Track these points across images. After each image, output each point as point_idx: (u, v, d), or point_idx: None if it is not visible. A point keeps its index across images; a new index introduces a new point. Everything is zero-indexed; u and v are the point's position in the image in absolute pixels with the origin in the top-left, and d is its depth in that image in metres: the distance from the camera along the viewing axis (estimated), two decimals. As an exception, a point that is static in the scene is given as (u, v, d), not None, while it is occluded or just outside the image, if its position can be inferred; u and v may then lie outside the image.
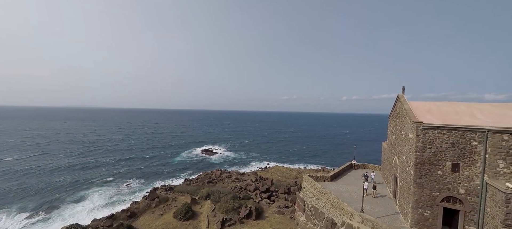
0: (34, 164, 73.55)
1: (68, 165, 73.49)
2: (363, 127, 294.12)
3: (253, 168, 77.65)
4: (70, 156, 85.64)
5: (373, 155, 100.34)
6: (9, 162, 74.24)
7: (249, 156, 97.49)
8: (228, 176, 60.96)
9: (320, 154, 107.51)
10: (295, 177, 64.56)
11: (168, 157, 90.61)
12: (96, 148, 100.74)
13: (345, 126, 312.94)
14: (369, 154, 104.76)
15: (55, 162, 76.50)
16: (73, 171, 66.66)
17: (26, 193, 49.76)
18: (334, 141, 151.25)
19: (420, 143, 16.96)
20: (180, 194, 45.06)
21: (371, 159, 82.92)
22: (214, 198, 40.75)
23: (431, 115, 19.15)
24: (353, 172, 34.40)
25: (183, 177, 64.75)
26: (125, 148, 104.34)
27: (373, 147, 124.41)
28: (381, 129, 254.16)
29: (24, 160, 77.23)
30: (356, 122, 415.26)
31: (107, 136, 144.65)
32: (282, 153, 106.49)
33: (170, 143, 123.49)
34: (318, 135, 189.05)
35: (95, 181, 58.29)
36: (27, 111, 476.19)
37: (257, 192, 46.19)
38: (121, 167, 73.06)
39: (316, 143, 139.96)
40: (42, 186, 53.99)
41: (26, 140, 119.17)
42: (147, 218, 35.55)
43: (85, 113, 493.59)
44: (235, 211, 35.42)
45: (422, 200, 17.23)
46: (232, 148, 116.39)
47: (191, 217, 35.13)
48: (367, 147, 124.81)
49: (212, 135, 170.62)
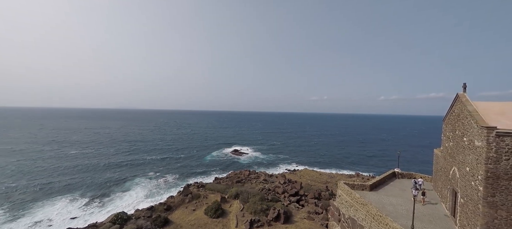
0: (91, 157, 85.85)
1: (118, 160, 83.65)
2: (404, 130, 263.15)
3: (281, 170, 76.22)
4: (119, 152, 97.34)
5: (419, 164, 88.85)
6: (73, 155, 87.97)
7: (277, 158, 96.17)
8: (256, 177, 60.90)
9: (354, 158, 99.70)
10: (325, 182, 61.01)
11: (200, 156, 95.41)
12: (139, 146, 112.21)
13: (382, 128, 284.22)
14: (414, 162, 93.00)
15: (108, 157, 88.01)
16: (121, 166, 75.21)
17: (85, 182, 57.95)
18: (369, 145, 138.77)
19: (492, 153, 13.74)
20: (210, 191, 46.64)
21: (417, 168, 73.40)
22: (243, 198, 40.95)
23: (506, 118, 15.49)
24: (396, 181, 30.51)
25: (214, 176, 67.14)
26: (163, 147, 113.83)
27: (418, 154, 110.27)
28: (427, 133, 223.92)
29: (85, 154, 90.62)
30: (395, 124, 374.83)
31: (148, 136, 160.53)
32: (312, 156, 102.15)
33: (202, 143, 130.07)
34: (350, 137, 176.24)
35: (138, 175, 64.66)
36: (86, 112, 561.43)
37: (286, 195, 44.87)
38: (160, 163, 79.62)
39: (348, 146, 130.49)
40: (97, 177, 62.26)
41: (86, 137, 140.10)
42: (181, 213, 37.61)
43: (128, 114, 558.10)
44: (263, 212, 34.93)
45: (496, 223, 13.90)
46: (261, 149, 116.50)
47: (220, 215, 35.92)
48: (410, 154, 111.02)
49: (241, 136, 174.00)
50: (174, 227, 32.84)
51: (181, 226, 33.19)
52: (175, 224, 33.57)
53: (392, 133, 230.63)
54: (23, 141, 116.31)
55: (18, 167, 68.09)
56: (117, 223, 32.07)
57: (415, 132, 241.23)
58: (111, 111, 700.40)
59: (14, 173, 62.84)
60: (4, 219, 38.49)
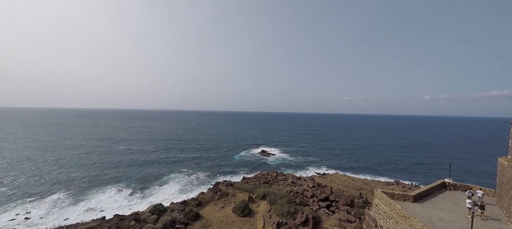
0: (135, 153, 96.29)
1: (156, 156, 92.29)
2: (457, 134, 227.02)
3: (309, 173, 73.51)
4: (157, 150, 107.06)
5: (477, 175, 75.84)
6: (120, 150, 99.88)
7: (306, 160, 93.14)
8: (283, 179, 59.96)
9: (393, 164, 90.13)
10: (359, 188, 56.62)
11: (229, 155, 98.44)
12: (175, 145, 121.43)
13: (429, 132, 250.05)
14: (470, 172, 79.66)
15: (148, 153, 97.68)
16: (159, 162, 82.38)
17: (129, 175, 65.10)
18: (412, 150, 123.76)
19: None
20: (238, 190, 47.61)
21: (475, 180, 62.84)
22: (270, 199, 40.69)
23: None
24: (447, 193, 26.43)
25: (241, 175, 68.42)
26: (196, 146, 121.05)
27: (476, 163, 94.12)
28: (487, 138, 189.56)
29: (130, 150, 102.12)
30: (445, 127, 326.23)
31: (183, 135, 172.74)
32: (343, 160, 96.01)
33: (231, 143, 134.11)
34: (389, 141, 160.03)
35: (173, 171, 69.89)
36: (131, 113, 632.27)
37: (315, 199, 43.01)
38: (192, 161, 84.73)
39: (386, 151, 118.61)
40: (139, 171, 69.36)
41: (131, 135, 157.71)
42: (210, 209, 39.24)
43: (165, 114, 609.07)
44: (290, 215, 34.09)
45: None
46: (289, 150, 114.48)
47: (248, 214, 36.29)
48: (465, 162, 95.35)
49: (269, 136, 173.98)
50: (204, 222, 34.42)
51: (211, 221, 34.59)
52: (205, 220, 35.16)
53: (441, 137, 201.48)
54: (82, 137, 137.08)
55: (79, 159, 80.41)
56: (155, 213, 35.11)
57: (471, 137, 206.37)
58: (151, 112, 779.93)
59: (75, 164, 74.32)
60: (68, 202, 45.83)
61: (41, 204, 44.19)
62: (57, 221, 37.54)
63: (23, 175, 61.06)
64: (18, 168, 67.59)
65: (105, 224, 31.57)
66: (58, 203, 44.82)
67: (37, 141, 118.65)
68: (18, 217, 39.12)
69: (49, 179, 58.54)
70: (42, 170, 66.20)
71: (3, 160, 75.57)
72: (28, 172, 63.44)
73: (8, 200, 45.15)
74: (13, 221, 37.68)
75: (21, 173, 62.76)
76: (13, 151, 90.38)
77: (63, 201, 45.88)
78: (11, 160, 76.15)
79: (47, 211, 41.70)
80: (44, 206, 43.57)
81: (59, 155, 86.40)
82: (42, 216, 39.95)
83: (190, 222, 33.92)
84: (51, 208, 42.89)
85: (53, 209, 42.59)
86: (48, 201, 45.70)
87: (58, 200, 46.27)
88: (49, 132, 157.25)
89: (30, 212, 40.94)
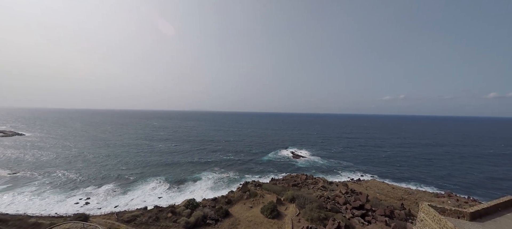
0: (173, 152, 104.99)
1: (191, 154, 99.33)
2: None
3: (342, 178, 69.07)
4: (192, 149, 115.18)
5: None
6: (160, 148, 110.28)
7: (339, 164, 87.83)
8: (314, 183, 57.70)
9: (443, 173, 78.10)
10: (400, 198, 50.79)
11: (258, 155, 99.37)
12: (208, 144, 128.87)
13: (495, 137, 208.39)
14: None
15: (184, 152, 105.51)
16: (194, 160, 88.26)
17: (167, 171, 71.32)
18: (471, 158, 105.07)
19: None
20: (267, 192, 47.63)
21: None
22: (299, 203, 39.62)
23: None
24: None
25: (270, 176, 68.27)
26: (227, 146, 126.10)
27: None
28: None
29: (168, 148, 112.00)
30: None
31: (215, 135, 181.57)
32: (382, 165, 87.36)
33: (260, 143, 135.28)
34: (438, 146, 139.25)
35: (206, 169, 73.98)
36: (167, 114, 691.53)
37: (348, 206, 40.23)
38: (223, 160, 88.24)
39: (438, 159, 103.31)
40: (176, 167, 75.40)
41: (169, 134, 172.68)
42: (239, 208, 40.19)
43: (198, 115, 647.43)
44: (320, 222, 32.60)
45: None
46: (320, 153, 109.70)
47: (276, 216, 36.01)
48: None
49: (299, 138, 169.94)
50: (233, 220, 35.44)
51: (239, 220, 35.41)
52: (234, 218, 36.16)
53: (508, 143, 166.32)
54: (132, 136, 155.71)
55: (127, 155, 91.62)
56: (189, 207, 37.65)
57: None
58: (185, 113, 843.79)
59: (124, 159, 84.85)
60: (119, 191, 52.71)
61: (98, 192, 51.96)
62: (108, 208, 43.41)
63: (87, 166, 72.62)
64: (82, 160, 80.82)
65: (147, 214, 35.18)
66: (111, 192, 51.93)
67: (96, 138, 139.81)
68: (80, 201, 46.77)
69: (106, 171, 68.22)
70: (101, 163, 77.64)
71: (71, 153, 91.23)
72: (91, 165, 75.22)
73: (75, 187, 54.38)
74: (77, 205, 45.17)
75: (85, 165, 74.76)
76: (77, 147, 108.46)
77: (114, 190, 53.01)
78: (77, 153, 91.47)
79: (103, 198, 48.76)
80: (100, 193, 51.03)
81: (114, 151, 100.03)
82: (98, 202, 46.85)
83: (220, 218, 35.36)
84: (105, 195, 50.01)
85: (107, 196, 49.59)
86: (103, 189, 53.41)
87: (111, 189, 53.61)
88: (105, 131, 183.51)
89: (90, 198, 48.43)
